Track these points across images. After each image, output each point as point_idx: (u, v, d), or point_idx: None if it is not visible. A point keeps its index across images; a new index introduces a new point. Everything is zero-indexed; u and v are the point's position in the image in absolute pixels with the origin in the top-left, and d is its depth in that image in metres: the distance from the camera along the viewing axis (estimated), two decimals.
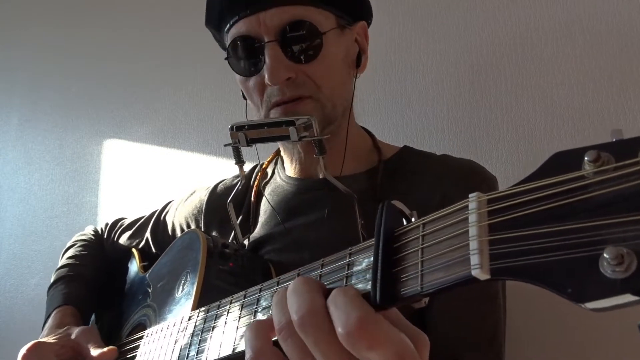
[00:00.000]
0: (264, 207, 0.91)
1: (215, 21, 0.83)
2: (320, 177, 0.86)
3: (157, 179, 1.57)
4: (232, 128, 0.75)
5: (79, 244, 1.10)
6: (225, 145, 0.78)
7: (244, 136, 0.74)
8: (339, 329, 0.36)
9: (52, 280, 1.02)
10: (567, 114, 1.00)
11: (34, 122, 1.94)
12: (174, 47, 1.63)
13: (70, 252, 1.08)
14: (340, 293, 0.38)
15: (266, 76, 0.76)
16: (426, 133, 1.15)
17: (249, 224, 0.90)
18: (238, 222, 0.88)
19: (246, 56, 0.79)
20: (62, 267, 1.04)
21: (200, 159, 1.51)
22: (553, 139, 1.00)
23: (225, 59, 0.81)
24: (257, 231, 0.88)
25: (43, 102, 1.93)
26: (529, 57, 1.06)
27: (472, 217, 0.33)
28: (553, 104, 1.02)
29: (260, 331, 0.42)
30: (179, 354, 0.61)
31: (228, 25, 0.80)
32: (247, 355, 0.42)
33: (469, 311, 0.73)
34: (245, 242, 0.87)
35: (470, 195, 0.35)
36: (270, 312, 0.45)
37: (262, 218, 0.90)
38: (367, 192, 0.82)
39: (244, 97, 0.87)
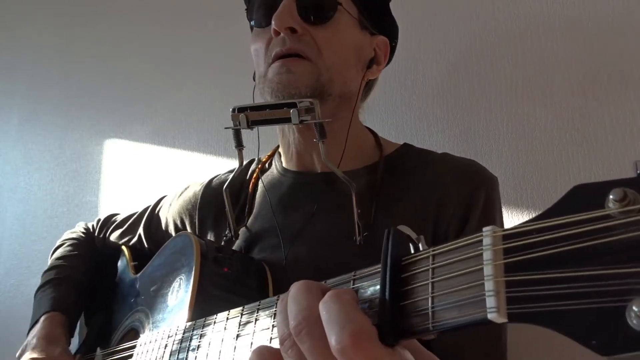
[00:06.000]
0: (259, 199, 0.89)
1: None
2: (318, 170, 0.86)
3: (158, 178, 1.57)
4: (234, 110, 0.75)
5: (68, 243, 1.07)
6: (225, 128, 0.78)
7: (245, 118, 0.74)
8: (332, 342, 0.34)
9: (40, 283, 1.00)
10: (567, 114, 1.00)
11: (34, 122, 1.94)
12: (174, 47, 1.63)
13: (58, 253, 1.05)
14: (333, 298, 0.36)
15: (273, 22, 0.77)
16: (426, 133, 1.15)
17: (244, 216, 0.88)
18: (235, 214, 0.86)
19: (263, 5, 0.82)
20: (50, 269, 1.01)
21: (200, 159, 1.51)
22: (553, 139, 1.00)
23: (245, 9, 0.86)
24: (252, 223, 0.86)
25: (43, 102, 1.92)
26: (529, 56, 1.06)
27: (487, 255, 0.31)
28: (553, 103, 1.02)
29: (265, 356, 0.40)
30: None
31: None
32: None
33: None
34: (240, 233, 0.86)
35: (484, 229, 0.32)
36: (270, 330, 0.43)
37: (256, 210, 0.88)
38: (366, 186, 0.81)
39: (254, 79, 0.86)
